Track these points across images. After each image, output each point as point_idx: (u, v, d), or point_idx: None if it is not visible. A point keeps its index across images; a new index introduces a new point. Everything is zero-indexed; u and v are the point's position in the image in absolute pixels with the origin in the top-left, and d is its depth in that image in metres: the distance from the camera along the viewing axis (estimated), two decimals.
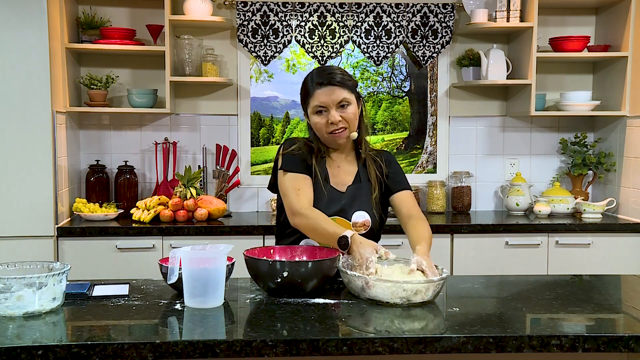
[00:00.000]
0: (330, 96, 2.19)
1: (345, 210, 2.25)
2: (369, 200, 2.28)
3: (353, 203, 2.26)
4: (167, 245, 3.41)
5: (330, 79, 2.20)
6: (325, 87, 2.19)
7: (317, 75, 2.23)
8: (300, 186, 2.23)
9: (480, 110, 4.12)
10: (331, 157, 2.33)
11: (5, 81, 3.25)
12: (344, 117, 2.21)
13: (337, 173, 2.32)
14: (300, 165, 2.26)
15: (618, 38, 3.81)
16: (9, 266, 1.90)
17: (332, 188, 2.28)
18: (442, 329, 1.74)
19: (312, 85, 2.22)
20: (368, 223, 2.25)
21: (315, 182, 2.26)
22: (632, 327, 1.78)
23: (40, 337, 1.62)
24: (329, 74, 2.22)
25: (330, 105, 2.20)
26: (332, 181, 2.30)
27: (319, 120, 2.22)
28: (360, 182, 2.30)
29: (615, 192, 3.90)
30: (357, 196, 2.28)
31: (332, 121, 2.20)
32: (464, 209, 4.04)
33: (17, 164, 3.29)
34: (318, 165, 2.28)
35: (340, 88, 2.20)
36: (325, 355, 1.61)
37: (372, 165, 2.32)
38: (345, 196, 2.27)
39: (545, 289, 2.16)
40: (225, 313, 1.84)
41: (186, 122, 4.02)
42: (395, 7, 3.94)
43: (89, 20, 3.77)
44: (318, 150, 2.30)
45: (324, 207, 2.22)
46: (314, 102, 2.21)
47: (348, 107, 2.22)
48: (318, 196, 2.24)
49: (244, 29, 3.89)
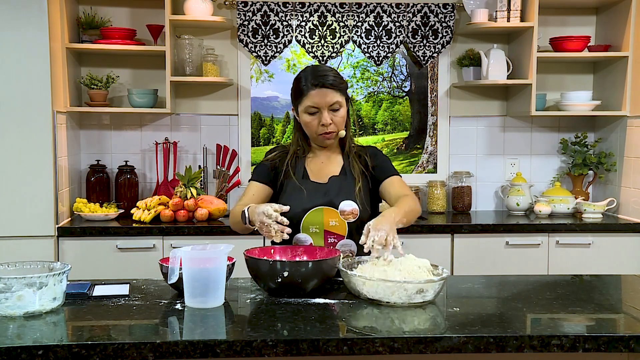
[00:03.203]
0: (323, 98, 2.25)
1: (332, 200, 2.29)
2: (354, 191, 2.31)
3: (339, 192, 2.30)
4: (167, 245, 3.41)
5: (325, 82, 2.25)
6: (320, 89, 2.25)
7: (311, 75, 2.28)
8: (251, 192, 2.35)
9: (480, 110, 4.12)
10: (315, 153, 2.40)
11: (6, 81, 3.25)
12: (334, 121, 2.28)
13: (320, 168, 2.37)
14: (263, 174, 2.37)
15: (618, 38, 3.81)
16: (10, 266, 1.91)
17: (312, 182, 2.33)
18: (442, 329, 1.74)
19: (306, 85, 2.27)
20: (356, 211, 2.28)
21: (290, 182, 2.33)
22: (633, 327, 1.78)
23: (40, 337, 1.62)
24: (324, 75, 2.27)
25: (322, 107, 2.26)
26: (313, 176, 2.35)
27: (310, 120, 2.29)
28: (346, 174, 2.35)
29: (616, 192, 3.90)
30: (343, 187, 2.32)
31: (324, 123, 2.27)
32: (465, 209, 4.04)
33: (18, 164, 3.29)
34: (296, 165, 2.36)
35: (333, 91, 2.26)
36: (325, 355, 1.61)
37: (355, 160, 2.37)
38: (327, 186, 2.32)
39: (545, 289, 2.16)
40: (225, 313, 1.84)
41: (186, 122, 4.02)
42: (395, 7, 3.94)
43: (89, 20, 3.77)
44: (296, 151, 2.38)
45: (305, 201, 2.28)
46: (307, 102, 2.27)
47: (339, 110, 2.29)
48: (296, 193, 2.30)
49: (244, 29, 3.89)
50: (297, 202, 2.26)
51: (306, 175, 2.35)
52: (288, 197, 2.30)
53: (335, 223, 2.27)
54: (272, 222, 2.05)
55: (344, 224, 2.27)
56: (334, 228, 2.27)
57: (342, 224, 2.27)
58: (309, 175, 2.35)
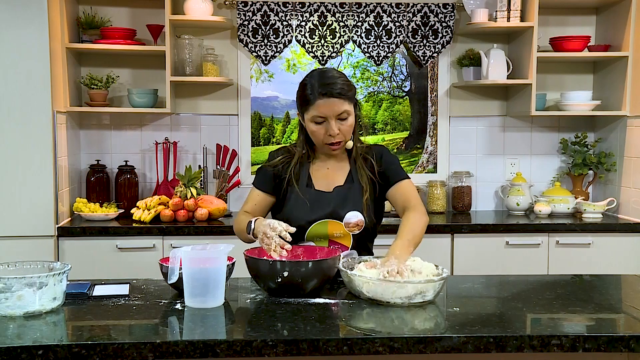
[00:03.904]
0: (331, 108, 2.16)
1: (337, 211, 2.23)
2: (360, 201, 2.25)
3: (344, 203, 2.24)
4: (167, 245, 3.41)
5: (333, 90, 2.15)
6: (327, 98, 2.15)
7: (318, 83, 2.17)
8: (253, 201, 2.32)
9: (480, 110, 4.12)
10: (321, 159, 2.33)
11: (6, 81, 3.25)
12: (342, 130, 2.20)
13: (325, 175, 2.31)
14: (266, 182, 2.32)
15: (618, 38, 3.81)
16: (10, 266, 1.91)
17: (316, 192, 2.27)
18: (442, 329, 1.74)
19: (312, 94, 2.17)
20: (361, 223, 2.24)
21: (294, 192, 2.26)
22: (633, 327, 1.78)
23: (40, 337, 1.62)
24: (333, 85, 2.16)
25: (330, 117, 2.17)
26: (318, 184, 2.29)
27: (317, 130, 2.21)
28: (353, 182, 2.28)
29: (616, 192, 3.90)
30: (349, 197, 2.25)
31: (331, 133, 2.18)
32: (465, 209, 4.04)
33: (18, 163, 3.29)
34: (300, 171, 2.29)
35: (341, 100, 2.16)
36: (325, 355, 1.61)
37: (362, 165, 2.29)
38: (332, 197, 2.25)
39: (545, 289, 2.16)
40: (225, 313, 1.84)
41: (186, 122, 4.02)
42: (395, 6, 3.94)
43: (89, 20, 3.77)
44: (301, 156, 2.30)
45: (307, 212, 2.22)
46: (313, 112, 2.18)
47: (347, 119, 2.20)
48: (300, 204, 2.24)
49: (244, 29, 3.89)
50: (301, 214, 2.22)
51: (310, 183, 2.29)
52: (292, 208, 2.25)
53: (339, 234, 2.24)
54: (276, 235, 2.03)
55: (348, 235, 2.24)
56: (339, 239, 2.24)
57: (347, 236, 2.24)
58: (313, 184, 2.29)
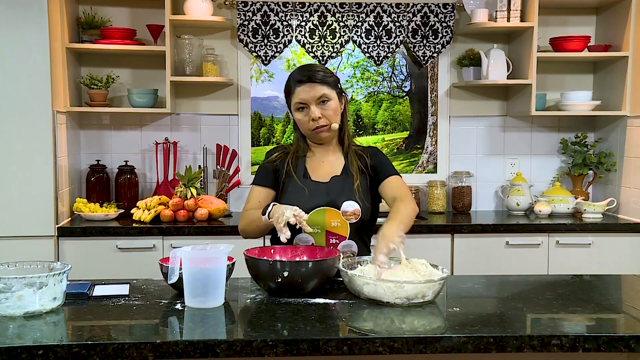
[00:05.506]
0: (309, 93, 2.25)
1: (334, 200, 2.27)
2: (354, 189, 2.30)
3: (341, 193, 2.28)
4: (167, 245, 3.41)
5: (310, 76, 2.25)
6: (305, 85, 2.25)
7: (297, 73, 2.30)
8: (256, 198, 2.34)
9: (480, 110, 4.12)
10: (314, 152, 2.38)
11: (6, 81, 3.25)
12: (324, 114, 2.27)
13: (321, 167, 2.36)
14: (266, 178, 2.35)
15: (618, 38, 3.81)
16: (10, 266, 1.91)
17: (313, 182, 2.32)
18: (442, 329, 1.74)
19: (292, 82, 2.28)
20: (358, 212, 2.27)
21: (292, 182, 2.31)
22: (633, 327, 1.78)
23: (40, 337, 1.62)
24: (309, 71, 2.28)
25: (310, 102, 2.25)
26: (314, 176, 2.34)
27: (301, 117, 2.29)
28: (347, 174, 2.34)
29: (616, 192, 3.90)
30: (345, 187, 2.30)
31: (313, 117, 2.25)
32: (465, 209, 4.04)
33: (18, 163, 3.29)
34: (297, 164, 2.35)
35: (319, 84, 2.25)
36: (325, 355, 1.61)
37: (355, 158, 2.36)
38: (329, 186, 2.30)
39: (545, 289, 2.16)
40: (225, 313, 1.84)
41: (186, 122, 4.02)
42: (395, 7, 3.94)
43: (89, 20, 3.77)
44: (297, 150, 2.37)
45: (306, 200, 2.26)
46: (294, 99, 2.28)
47: (328, 102, 2.27)
48: (298, 192, 2.29)
49: (244, 29, 3.89)
50: (298, 202, 2.23)
51: (307, 174, 2.34)
52: (289, 197, 2.29)
53: (337, 224, 2.26)
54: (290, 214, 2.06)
55: (345, 224, 2.26)
56: (336, 229, 2.26)
57: (344, 225, 2.26)
58: (309, 175, 2.34)
